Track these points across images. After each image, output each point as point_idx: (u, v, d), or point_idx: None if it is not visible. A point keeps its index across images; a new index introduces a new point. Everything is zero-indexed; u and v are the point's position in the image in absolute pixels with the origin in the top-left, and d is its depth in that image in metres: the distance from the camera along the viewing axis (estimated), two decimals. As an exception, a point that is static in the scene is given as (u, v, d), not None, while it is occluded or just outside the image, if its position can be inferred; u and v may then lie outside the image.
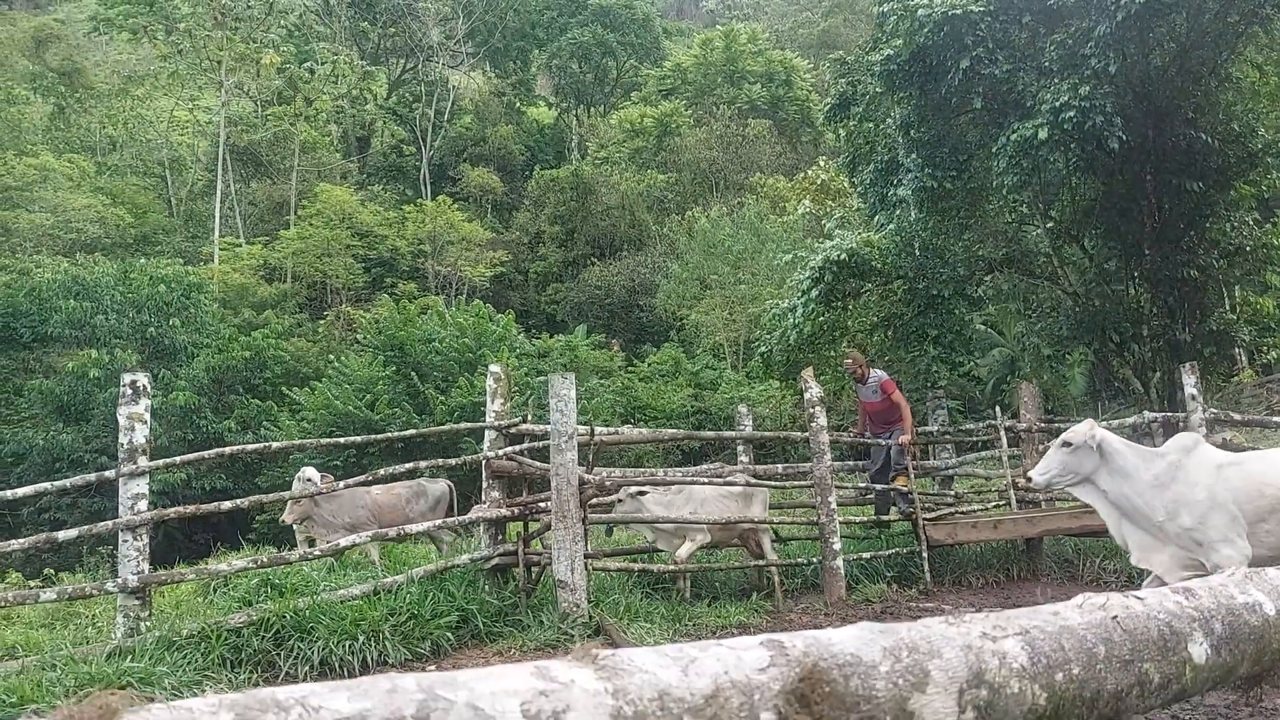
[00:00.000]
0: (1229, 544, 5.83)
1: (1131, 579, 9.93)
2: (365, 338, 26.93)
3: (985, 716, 1.73)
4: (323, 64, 45.80)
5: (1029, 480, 6.60)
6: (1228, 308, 13.04)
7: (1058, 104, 9.75)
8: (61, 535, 7.26)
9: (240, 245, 37.02)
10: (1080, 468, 6.26)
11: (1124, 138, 9.99)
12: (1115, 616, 1.99)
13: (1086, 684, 1.94)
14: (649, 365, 29.53)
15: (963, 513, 10.98)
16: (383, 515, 10.81)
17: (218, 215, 37.29)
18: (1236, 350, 16.10)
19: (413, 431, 11.10)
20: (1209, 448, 6.24)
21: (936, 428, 12.32)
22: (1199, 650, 2.14)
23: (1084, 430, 6.27)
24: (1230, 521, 5.84)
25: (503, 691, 1.25)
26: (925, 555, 9.83)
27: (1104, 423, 12.19)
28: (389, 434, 10.62)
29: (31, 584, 12.78)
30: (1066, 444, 6.21)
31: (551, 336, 30.21)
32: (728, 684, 1.41)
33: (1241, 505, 5.83)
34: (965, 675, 1.76)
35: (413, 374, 23.98)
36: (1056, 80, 10.05)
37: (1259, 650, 2.21)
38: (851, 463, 11.71)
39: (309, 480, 10.46)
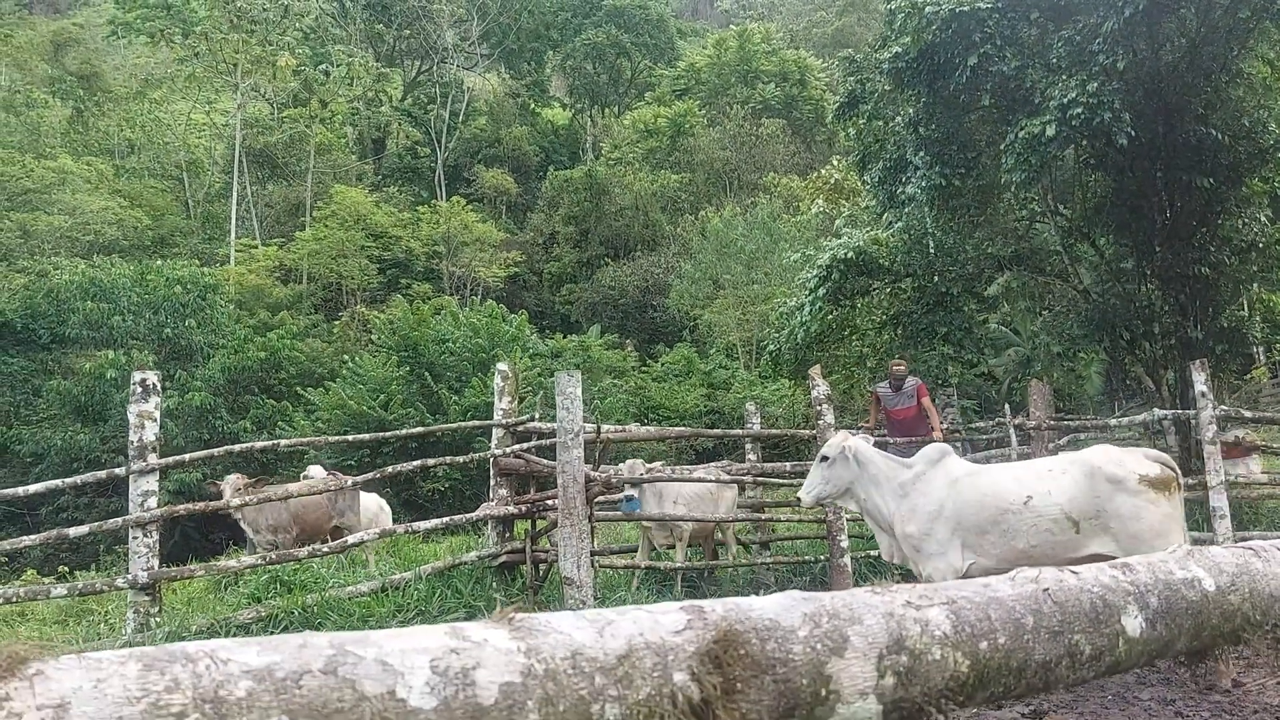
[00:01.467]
0: (942, 557, 5.99)
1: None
2: (379, 338, 27.05)
3: (905, 682, 1.76)
4: (338, 66, 46.03)
5: (800, 502, 6.78)
6: (1240, 305, 12.97)
7: (1065, 101, 9.72)
8: (73, 532, 7.34)
9: (256, 247, 37.24)
10: (841, 479, 6.43)
11: (1133, 134, 9.94)
12: (1047, 589, 2.00)
13: (1013, 653, 1.96)
14: (662, 365, 29.57)
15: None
16: (305, 517, 10.78)
17: (234, 217, 37.52)
18: (1255, 349, 16.00)
19: (423, 430, 11.13)
20: (955, 461, 6.35)
21: (947, 426, 12.32)
22: (1133, 624, 2.15)
23: (837, 442, 6.46)
24: (950, 535, 5.97)
25: (413, 649, 1.30)
26: (933, 553, 9.82)
27: (1116, 420, 12.17)
28: (400, 432, 10.64)
29: (46, 580, 12.90)
30: (824, 458, 6.42)
31: (565, 337, 30.28)
32: (642, 645, 1.45)
33: (970, 517, 5.95)
34: (885, 641, 1.78)
35: (426, 374, 24.08)
36: (1065, 77, 10.01)
37: (1197, 625, 2.22)
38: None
39: (311, 479, 10.57)
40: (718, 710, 1.48)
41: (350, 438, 9.32)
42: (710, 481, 9.60)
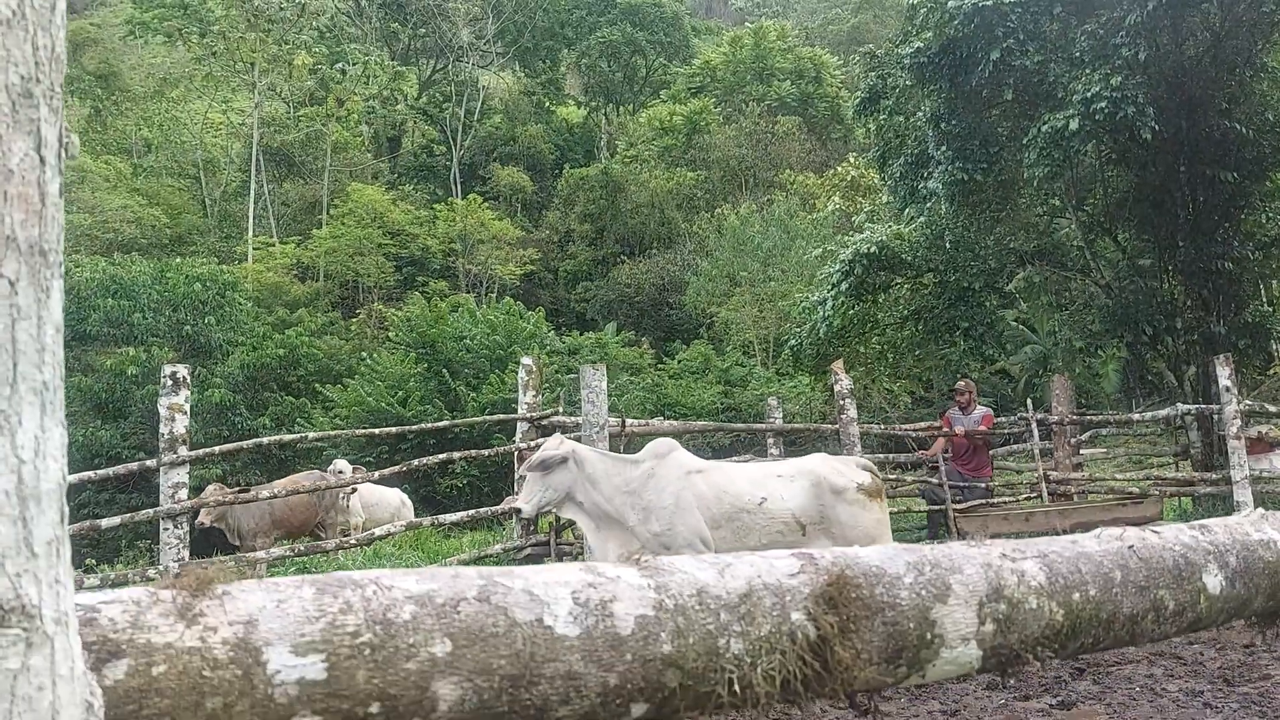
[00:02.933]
0: (692, 549, 5.96)
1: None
2: (397, 335, 27.17)
3: (1004, 629, 1.82)
4: (354, 65, 46.17)
5: (519, 513, 6.70)
6: (1264, 300, 12.93)
7: (1089, 95, 9.71)
8: (105, 523, 7.44)
9: (273, 245, 37.41)
10: (561, 484, 6.31)
11: (1156, 128, 9.93)
12: (1131, 546, 2.06)
13: (1103, 605, 2.03)
14: (679, 362, 29.60)
15: (994, 505, 10.96)
16: (290, 519, 10.78)
17: (251, 215, 37.72)
18: (1276, 345, 15.93)
19: (444, 424, 11.21)
20: (683, 455, 6.34)
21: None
22: (1214, 581, 2.21)
23: (553, 445, 6.38)
24: (694, 527, 6.02)
25: (555, 581, 1.39)
26: (956, 547, 9.82)
27: (1138, 415, 12.15)
28: (422, 425, 10.72)
29: (76, 573, 12.99)
30: (543, 465, 6.28)
31: (582, 334, 30.34)
32: (760, 585, 1.53)
33: (707, 510, 6.02)
34: (985, 590, 1.85)
35: (444, 371, 24.18)
36: (1088, 71, 10.00)
37: (1273, 584, 2.29)
38: (882, 455, 11.73)
39: (340, 473, 10.62)
40: (835, 646, 1.55)
41: (376, 431, 9.38)
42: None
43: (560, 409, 9.78)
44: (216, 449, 8.06)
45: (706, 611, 1.51)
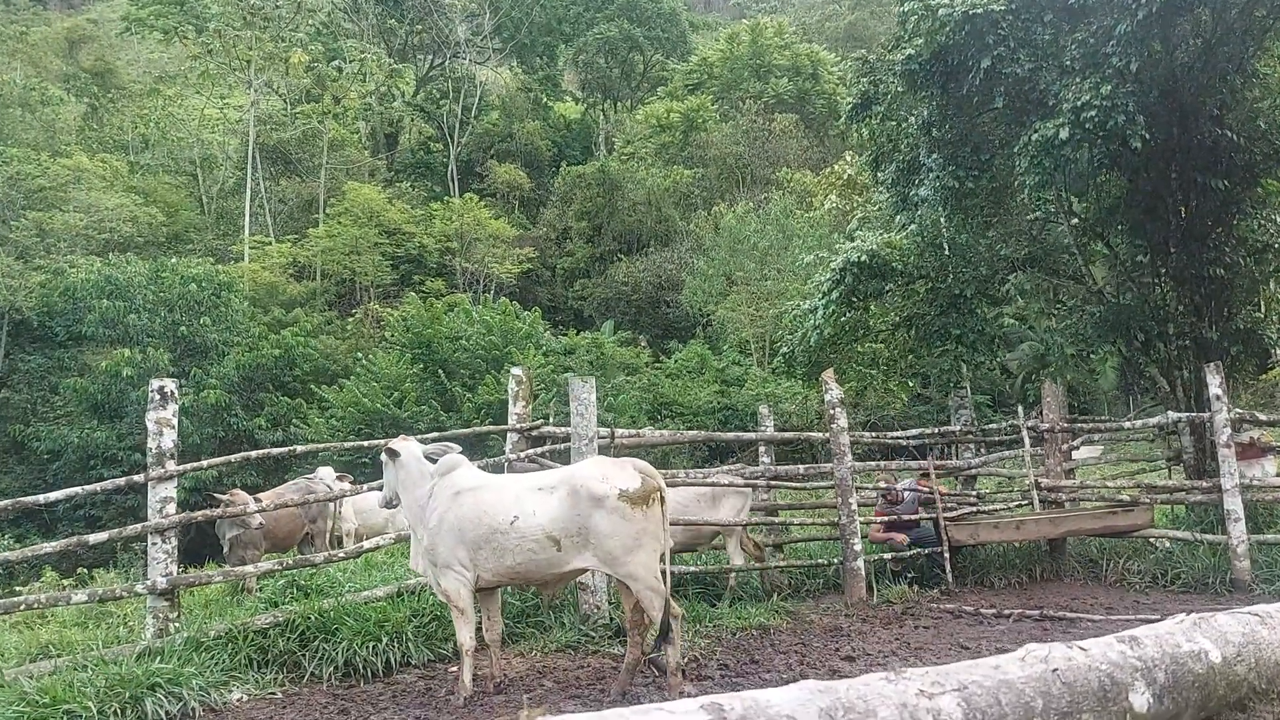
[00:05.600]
0: (450, 570, 6.09)
1: (1155, 579, 9.92)
2: (393, 335, 27.17)
3: None
4: (350, 62, 46.12)
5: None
6: (1257, 306, 12.91)
7: (1079, 103, 9.67)
8: (92, 538, 7.43)
9: (270, 243, 37.38)
10: (390, 483, 6.50)
11: (1147, 136, 9.89)
12: (1056, 669, 2.02)
13: None
14: (675, 362, 29.60)
15: (985, 512, 10.97)
16: (275, 531, 10.79)
17: (248, 213, 37.67)
18: (1273, 349, 15.91)
19: (437, 435, 11.17)
20: (466, 472, 6.36)
21: (960, 427, 12.31)
22: (1140, 700, 2.16)
23: (395, 444, 6.49)
24: (452, 549, 6.06)
25: None
26: (947, 556, 9.84)
27: (1128, 423, 12.15)
28: (420, 435, 10.68)
29: (66, 582, 13.02)
30: (392, 456, 6.43)
31: (578, 333, 30.33)
32: None
33: (468, 533, 6.04)
34: None
35: (440, 371, 24.19)
36: (1078, 79, 9.96)
37: (1204, 697, 2.25)
38: (873, 464, 11.74)
39: (320, 479, 10.63)
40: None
41: (365, 444, 9.36)
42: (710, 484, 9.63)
43: (550, 417, 9.78)
44: (205, 463, 8.04)
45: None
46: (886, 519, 10.25)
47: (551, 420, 9.59)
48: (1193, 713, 2.27)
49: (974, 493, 11.70)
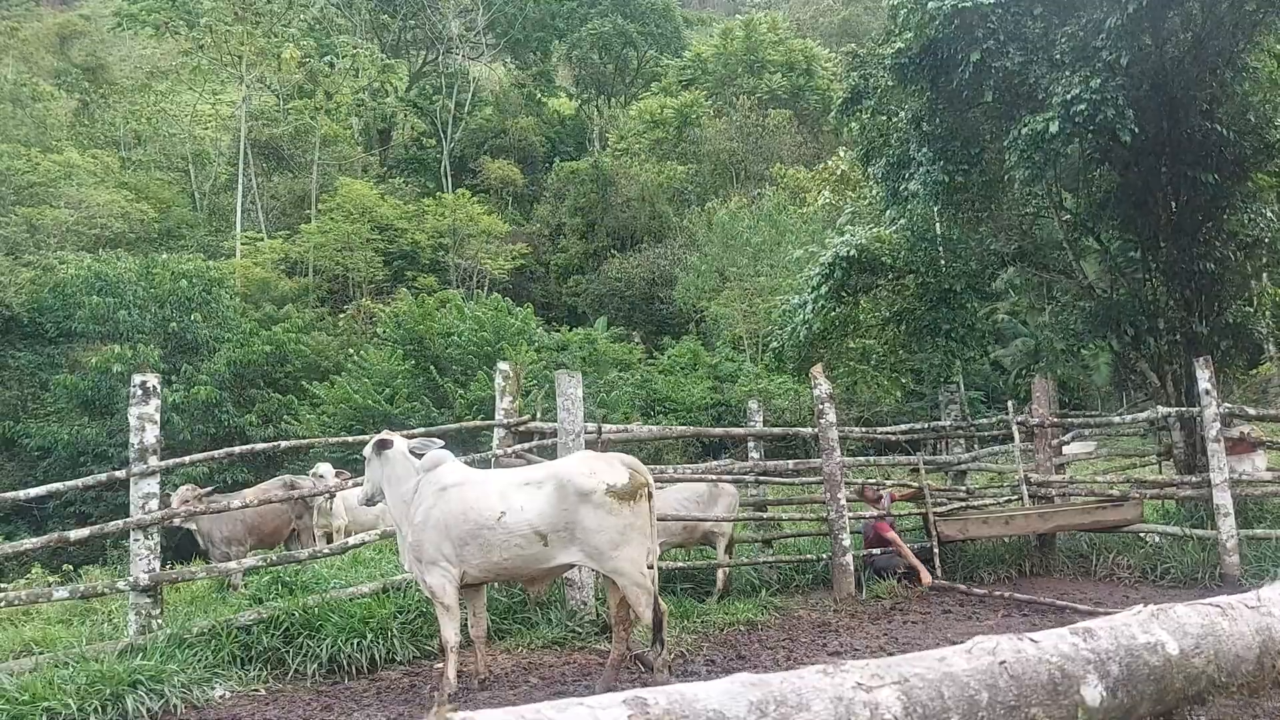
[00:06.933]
0: (435, 566, 6.04)
1: (1145, 574, 9.91)
2: (385, 332, 27.13)
3: None
4: (343, 57, 45.98)
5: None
6: (1248, 300, 12.89)
7: (1069, 97, 9.63)
8: (74, 535, 7.36)
9: (261, 239, 37.28)
10: (374, 478, 6.43)
11: (1137, 130, 9.85)
12: (1003, 661, 1.98)
13: None
14: (668, 358, 29.57)
15: (974, 508, 10.94)
16: (262, 527, 10.70)
17: (239, 209, 37.57)
18: (1266, 344, 15.92)
19: (425, 430, 11.12)
20: (451, 469, 6.29)
21: (950, 423, 12.29)
22: (1093, 693, 2.13)
23: (379, 438, 6.42)
24: (438, 545, 6.02)
25: None
26: (936, 551, 9.81)
27: (1118, 418, 12.11)
28: (406, 431, 10.63)
29: (52, 578, 12.95)
30: (384, 448, 6.35)
31: (571, 329, 30.29)
32: None
33: (454, 529, 5.99)
34: None
35: (432, 368, 24.15)
36: (1068, 73, 9.92)
37: (1160, 690, 2.20)
38: (863, 458, 11.71)
39: (321, 476, 10.55)
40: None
41: (350, 439, 9.31)
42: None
43: (539, 410, 9.73)
44: (186, 459, 7.98)
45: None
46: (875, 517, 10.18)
47: (537, 416, 9.54)
48: (1148, 706, 2.24)
49: (964, 488, 11.67)
